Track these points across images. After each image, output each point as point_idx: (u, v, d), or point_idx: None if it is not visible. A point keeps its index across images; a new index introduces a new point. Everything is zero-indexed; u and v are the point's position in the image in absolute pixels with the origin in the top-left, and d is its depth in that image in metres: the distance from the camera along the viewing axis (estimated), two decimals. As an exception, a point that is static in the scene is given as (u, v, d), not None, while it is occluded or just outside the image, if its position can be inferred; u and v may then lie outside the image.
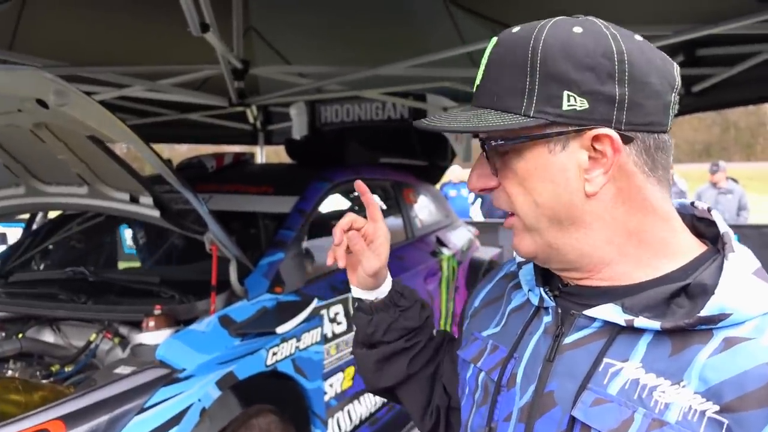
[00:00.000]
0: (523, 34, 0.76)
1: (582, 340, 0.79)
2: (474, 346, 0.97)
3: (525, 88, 0.74)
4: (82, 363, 2.27)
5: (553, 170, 0.76)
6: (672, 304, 0.74)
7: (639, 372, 0.72)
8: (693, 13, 2.89)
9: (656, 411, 0.69)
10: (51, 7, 3.50)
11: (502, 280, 1.02)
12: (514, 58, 0.75)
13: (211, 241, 2.37)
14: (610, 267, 0.79)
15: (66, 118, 1.93)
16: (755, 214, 8.70)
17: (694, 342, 0.70)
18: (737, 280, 0.72)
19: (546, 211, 0.78)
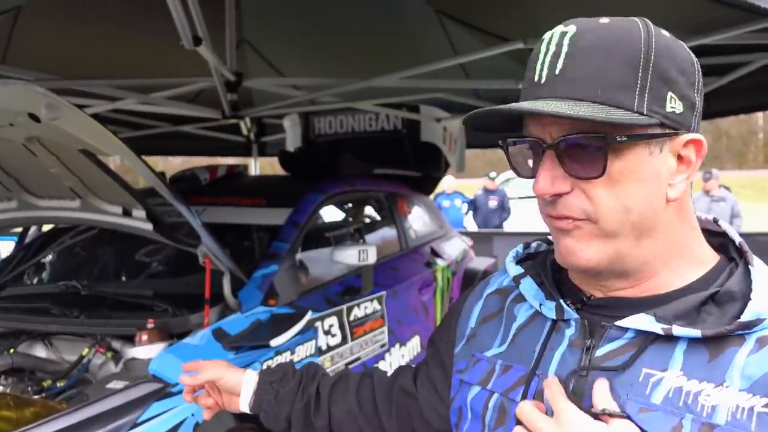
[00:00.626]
0: (624, 27, 0.74)
1: (615, 351, 0.78)
2: (479, 368, 0.93)
3: (637, 84, 0.71)
4: (74, 378, 2.25)
5: (649, 173, 0.74)
6: (702, 311, 0.75)
7: (681, 380, 0.72)
8: (683, 24, 2.91)
9: (704, 415, 0.70)
10: (43, 20, 3.50)
11: (495, 295, 0.99)
12: (621, 50, 0.72)
13: (205, 254, 2.36)
14: (656, 277, 0.79)
15: (58, 132, 1.93)
16: (748, 221, 8.74)
17: (729, 346, 0.72)
18: (765, 285, 0.74)
19: (634, 216, 0.74)
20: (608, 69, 0.72)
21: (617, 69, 0.72)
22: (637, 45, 0.72)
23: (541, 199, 0.78)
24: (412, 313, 3.65)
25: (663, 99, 0.73)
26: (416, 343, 3.67)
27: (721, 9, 2.53)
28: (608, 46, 0.72)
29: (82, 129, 1.92)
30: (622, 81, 0.71)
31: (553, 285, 0.88)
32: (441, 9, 3.73)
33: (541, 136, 0.76)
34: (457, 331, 1.01)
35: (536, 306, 0.88)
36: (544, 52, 0.75)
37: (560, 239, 0.79)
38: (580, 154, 0.73)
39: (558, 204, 0.76)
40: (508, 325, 0.93)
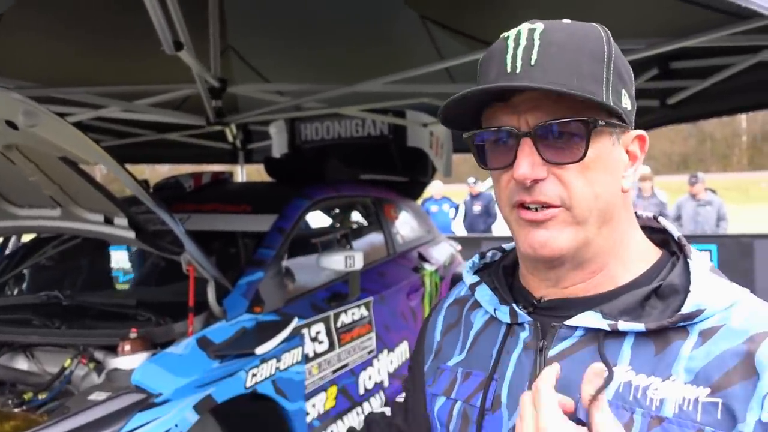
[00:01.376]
0: (588, 28, 0.78)
1: (566, 350, 0.80)
2: (443, 379, 0.94)
3: (603, 78, 0.76)
4: (56, 390, 2.21)
5: (612, 162, 0.79)
6: (646, 306, 0.78)
7: (630, 375, 0.75)
8: (666, 27, 2.93)
9: (653, 408, 0.72)
10: (24, 27, 3.46)
11: (454, 305, 1.01)
12: (589, 47, 0.76)
13: (188, 262, 2.33)
14: (606, 269, 0.82)
15: (37, 140, 1.90)
16: (734, 224, 8.80)
17: (674, 339, 0.75)
18: (704, 279, 0.78)
19: (601, 203, 0.78)
20: (580, 61, 0.75)
21: (587, 62, 0.75)
22: (601, 43, 0.77)
23: (511, 188, 0.79)
24: (400, 319, 3.63)
25: (620, 95, 0.78)
26: (404, 348, 3.65)
27: (703, 12, 2.54)
28: (577, 41, 0.76)
29: (62, 136, 1.89)
30: (592, 73, 0.75)
31: (506, 289, 0.90)
32: (426, 14, 3.73)
33: (515, 125, 0.77)
34: (425, 348, 1.02)
35: (491, 311, 0.90)
36: (514, 46, 0.77)
37: (530, 232, 0.79)
38: (559, 140, 0.76)
39: (534, 190, 0.77)
40: (466, 332, 0.95)
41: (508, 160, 0.78)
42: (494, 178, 0.83)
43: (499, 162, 0.80)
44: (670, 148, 51.33)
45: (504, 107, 0.78)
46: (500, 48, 0.79)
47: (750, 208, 21.22)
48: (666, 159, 49.83)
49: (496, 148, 0.80)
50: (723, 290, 0.77)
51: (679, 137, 50.22)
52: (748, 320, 0.74)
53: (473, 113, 0.82)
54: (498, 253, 1.00)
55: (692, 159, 50.39)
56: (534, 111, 0.76)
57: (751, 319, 0.74)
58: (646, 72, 3.76)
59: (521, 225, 0.80)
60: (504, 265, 0.95)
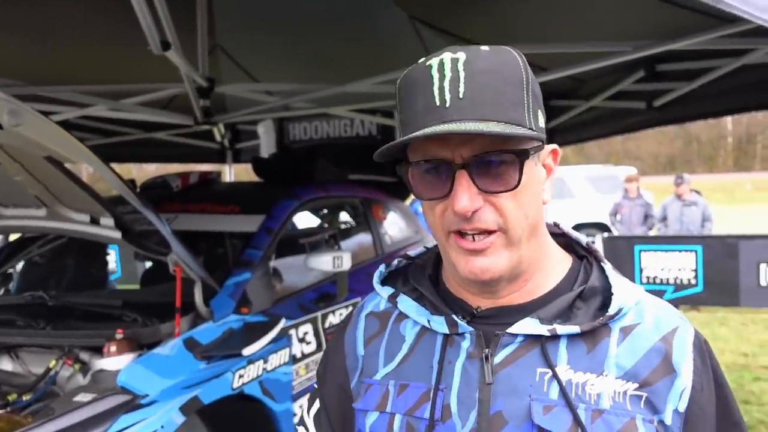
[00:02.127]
0: (505, 53, 0.80)
1: (510, 356, 0.84)
2: (372, 393, 0.92)
3: (524, 103, 0.79)
4: (41, 391, 2.19)
5: (535, 182, 0.84)
6: (573, 308, 0.85)
7: (569, 373, 0.82)
8: (652, 30, 2.94)
9: (592, 402, 0.80)
10: (8, 25, 3.42)
11: (372, 317, 0.99)
12: (509, 73, 0.79)
13: (175, 262, 2.32)
14: (533, 279, 0.88)
15: (21, 139, 1.88)
16: (718, 225, 8.89)
17: (602, 337, 0.84)
18: (618, 280, 0.88)
19: (531, 222, 0.83)
20: (504, 91, 0.78)
21: (510, 90, 0.78)
22: (519, 69, 0.80)
23: (449, 218, 0.81)
24: (388, 320, 3.63)
25: (537, 115, 0.82)
26: (392, 349, 3.65)
27: (689, 15, 2.56)
28: (500, 70, 0.78)
29: (47, 136, 1.87)
30: (515, 100, 0.78)
31: (439, 300, 0.91)
32: (414, 14, 3.73)
33: (449, 158, 0.79)
34: (348, 366, 0.98)
35: (423, 322, 0.90)
36: (439, 77, 0.78)
37: (471, 260, 0.82)
38: (492, 170, 0.78)
39: (473, 219, 0.79)
40: (393, 344, 0.93)
41: (444, 191, 0.80)
42: (428, 207, 0.84)
43: (434, 192, 0.81)
44: (657, 149, 51.70)
45: (436, 140, 0.79)
46: (424, 78, 0.80)
47: (735, 209, 21.42)
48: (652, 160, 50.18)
49: (430, 178, 0.82)
50: (631, 289, 0.87)
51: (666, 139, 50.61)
52: (656, 319, 0.85)
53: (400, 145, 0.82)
54: (403, 261, 1.02)
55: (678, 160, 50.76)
56: (467, 143, 0.78)
57: (658, 318, 0.86)
58: (633, 74, 3.78)
59: (460, 253, 0.82)
60: (428, 274, 0.96)
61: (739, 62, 3.22)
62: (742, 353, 5.88)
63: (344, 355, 0.98)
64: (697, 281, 6.84)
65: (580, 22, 3.09)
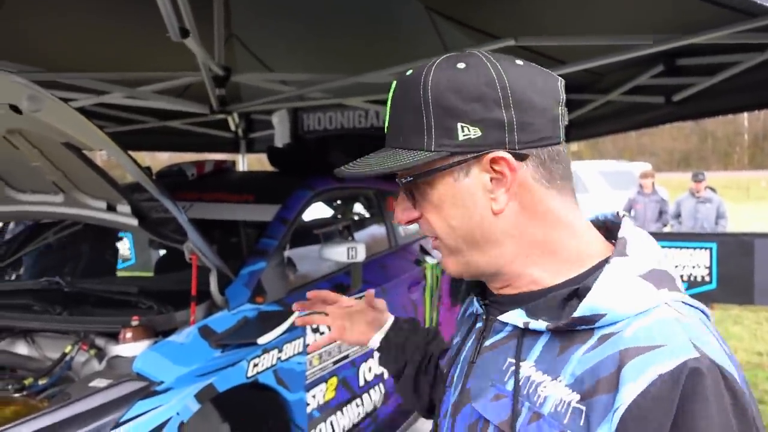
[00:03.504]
0: (414, 75, 0.83)
1: (497, 342, 0.88)
2: (451, 351, 1.06)
3: (423, 126, 0.81)
4: (56, 376, 2.20)
5: (461, 196, 0.83)
6: (566, 306, 0.80)
7: (531, 370, 0.80)
8: (673, 23, 2.91)
9: (537, 404, 0.77)
10: (29, 11, 3.44)
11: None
12: (409, 98, 0.82)
13: (191, 251, 2.32)
14: (525, 276, 0.86)
15: (40, 125, 1.88)
16: (733, 222, 8.81)
17: (577, 342, 0.77)
18: (614, 282, 0.77)
19: (461, 233, 0.85)
20: (404, 118, 0.84)
21: (409, 115, 0.83)
22: (417, 91, 0.81)
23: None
24: (401, 311, 3.63)
25: (453, 131, 0.80)
26: (404, 341, 3.65)
27: (712, 8, 2.52)
28: (403, 97, 0.84)
29: (65, 121, 1.88)
30: (413, 125, 0.82)
31: (477, 282, 0.99)
32: (431, 5, 3.71)
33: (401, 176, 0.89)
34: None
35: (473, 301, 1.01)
36: (387, 106, 0.89)
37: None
38: (415, 190, 0.88)
39: (420, 227, 0.92)
40: (462, 317, 1.08)
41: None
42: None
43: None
44: (672, 145, 51.26)
45: None
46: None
47: (750, 207, 21.21)
48: (667, 156, 49.77)
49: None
50: (633, 296, 0.75)
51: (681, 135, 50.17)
52: (639, 332, 0.72)
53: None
54: None
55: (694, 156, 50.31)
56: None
57: (643, 330, 0.72)
58: (652, 68, 3.74)
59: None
60: None
61: (761, 57, 3.18)
62: (756, 352, 5.83)
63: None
64: (711, 278, 6.79)
65: (599, 14, 3.05)
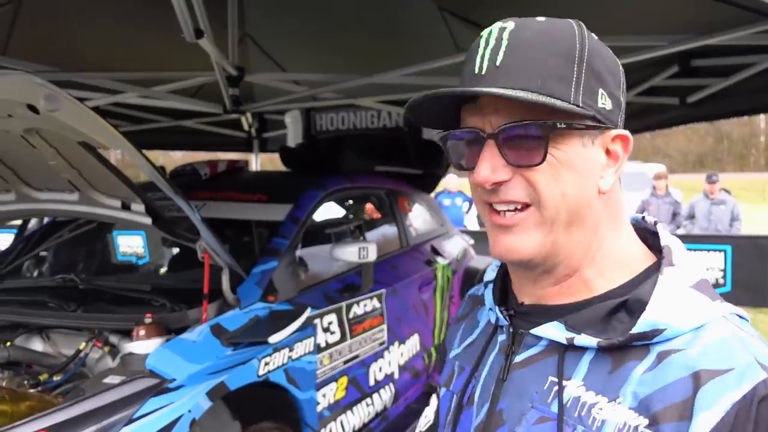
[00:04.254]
0: (561, 25, 0.76)
1: (531, 359, 0.80)
2: (446, 370, 0.99)
3: (572, 78, 0.74)
4: (71, 372, 2.23)
5: (582, 163, 0.76)
6: (613, 319, 0.75)
7: (580, 390, 0.74)
8: (688, 24, 2.90)
9: (593, 428, 0.71)
10: (45, 12, 3.48)
11: (469, 299, 1.05)
12: (560, 45, 0.74)
13: (204, 249, 2.34)
14: (580, 274, 0.80)
15: (57, 124, 1.91)
16: (748, 224, 8.73)
17: (632, 358, 0.72)
18: (670, 294, 0.73)
19: (570, 203, 0.75)
20: (546, 62, 0.73)
21: (555, 62, 0.73)
22: (573, 42, 0.75)
23: (479, 189, 0.78)
24: (411, 312, 3.63)
25: (595, 94, 0.75)
26: (416, 341, 3.66)
27: (728, 9, 2.51)
28: (546, 41, 0.74)
29: (82, 121, 1.90)
30: (559, 73, 0.73)
31: (498, 292, 0.92)
32: (444, 6, 3.71)
33: (480, 127, 0.77)
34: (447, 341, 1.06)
35: (488, 311, 0.93)
36: (484, 45, 0.76)
37: (499, 237, 0.79)
38: (520, 142, 0.74)
39: (500, 192, 0.76)
40: (469, 327, 0.98)
41: (475, 161, 0.77)
42: (469, 178, 0.81)
43: (468, 163, 0.80)
44: (686, 146, 50.82)
45: (473, 109, 0.78)
46: (475, 47, 0.78)
47: (766, 209, 20.99)
48: (682, 158, 49.36)
49: (467, 148, 0.80)
50: (691, 309, 0.72)
51: (696, 136, 49.69)
52: (705, 350, 0.69)
53: (453, 112, 0.82)
54: None
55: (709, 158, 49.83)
56: (496, 113, 0.75)
57: (710, 351, 0.69)
58: (666, 69, 3.72)
59: (493, 229, 0.80)
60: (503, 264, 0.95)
61: (777, 58, 3.15)
62: (770, 356, 5.77)
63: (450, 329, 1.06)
64: (725, 281, 6.75)
65: (613, 15, 3.04)
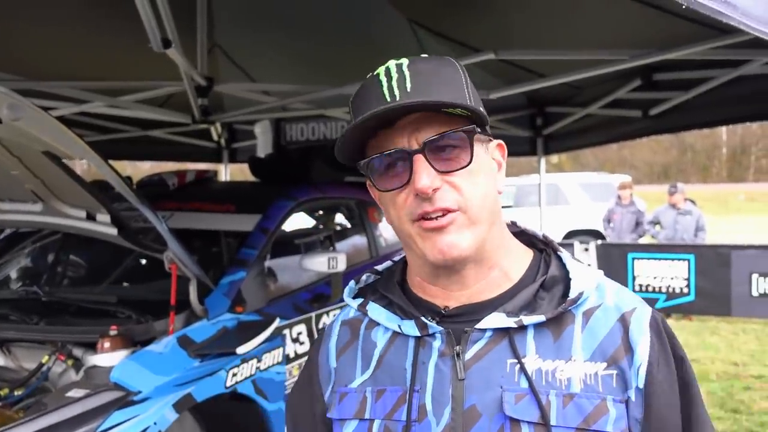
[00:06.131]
0: (443, 59, 0.89)
1: (480, 351, 0.87)
2: (349, 402, 0.94)
3: (468, 96, 0.87)
4: (33, 386, 2.19)
5: (488, 167, 0.90)
6: (538, 299, 0.89)
7: (538, 362, 0.85)
8: (650, 39, 2.97)
9: (563, 388, 0.83)
10: (8, 19, 3.42)
11: (344, 326, 1.01)
12: (450, 73, 0.87)
13: (171, 260, 2.32)
14: (497, 268, 0.91)
15: (20, 133, 1.88)
16: (711, 234, 8.93)
17: (566, 325, 0.87)
18: (576, 267, 0.92)
19: (488, 203, 0.87)
20: (447, 83, 0.86)
21: (453, 83, 0.86)
22: (458, 70, 0.89)
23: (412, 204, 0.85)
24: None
25: (480, 107, 0.88)
26: (385, 351, 3.65)
27: (687, 25, 2.58)
28: (440, 69, 0.87)
29: (46, 130, 1.87)
30: (459, 93, 0.86)
31: (408, 303, 0.93)
32: (414, 18, 3.75)
33: (405, 146, 0.85)
34: (320, 379, 1.00)
35: (394, 327, 0.93)
36: (387, 79, 0.85)
37: (437, 240, 0.85)
38: (445, 151, 0.85)
39: (434, 199, 0.84)
40: (367, 352, 0.96)
41: (405, 178, 0.85)
42: (389, 201, 0.88)
43: (395, 183, 0.86)
44: (652, 158, 51.89)
45: (390, 132, 0.85)
46: (374, 84, 0.87)
47: (728, 220, 21.53)
48: (647, 169, 50.37)
49: (390, 170, 0.87)
50: (589, 274, 0.91)
51: (661, 148, 50.78)
52: (615, 300, 0.90)
53: (358, 146, 0.90)
54: (371, 276, 1.05)
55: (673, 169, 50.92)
56: (419, 130, 0.84)
57: (617, 300, 0.90)
58: (629, 83, 3.80)
59: (425, 236, 0.85)
60: (396, 280, 0.99)
61: (735, 73, 3.25)
62: (733, 362, 5.91)
63: (318, 369, 1.01)
64: (689, 290, 6.88)
65: (578, 29, 3.11)
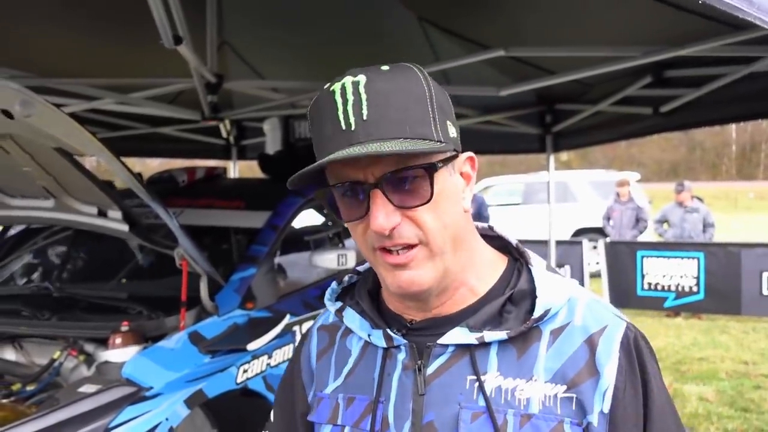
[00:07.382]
0: (406, 71, 0.82)
1: (442, 367, 0.86)
2: (323, 407, 0.96)
3: (430, 118, 0.80)
4: (45, 381, 2.20)
5: (453, 190, 0.84)
6: (503, 313, 0.86)
7: (499, 380, 0.83)
8: (661, 35, 2.95)
9: (521, 408, 0.81)
10: (22, 17, 3.43)
11: (323, 331, 1.02)
12: (412, 92, 0.80)
13: (182, 257, 2.33)
14: (465, 286, 0.88)
15: (32, 130, 1.89)
16: (720, 232, 8.89)
17: (532, 342, 0.84)
18: (545, 281, 0.87)
19: (451, 232, 0.83)
20: (408, 108, 0.79)
21: (414, 107, 0.80)
22: (421, 85, 0.81)
23: (372, 236, 0.82)
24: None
25: (446, 126, 0.83)
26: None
27: (699, 21, 2.56)
28: (400, 88, 0.80)
29: (57, 127, 1.88)
30: (421, 117, 0.80)
31: (376, 314, 0.93)
32: (424, 16, 3.74)
33: (361, 179, 0.80)
34: (304, 381, 1.01)
35: (365, 337, 0.93)
36: (342, 102, 0.80)
37: (397, 274, 0.83)
38: (404, 186, 0.80)
39: (393, 235, 0.81)
40: (341, 358, 0.97)
41: (362, 212, 0.81)
42: (351, 228, 0.86)
43: (353, 214, 0.83)
44: (660, 155, 51.62)
45: (348, 163, 0.80)
46: (329, 103, 0.81)
47: (738, 218, 21.40)
48: (656, 166, 50.09)
49: (348, 200, 0.83)
50: (560, 288, 0.87)
51: (670, 145, 50.49)
52: (585, 317, 0.85)
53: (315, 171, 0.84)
54: (354, 276, 1.03)
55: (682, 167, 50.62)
56: (377, 164, 0.79)
57: (588, 317, 0.86)
58: (640, 80, 3.78)
59: (387, 268, 0.84)
60: (368, 290, 0.97)
61: (747, 70, 3.23)
62: (743, 361, 5.87)
63: (301, 369, 1.02)
64: (698, 288, 6.85)
65: (589, 26, 3.09)
